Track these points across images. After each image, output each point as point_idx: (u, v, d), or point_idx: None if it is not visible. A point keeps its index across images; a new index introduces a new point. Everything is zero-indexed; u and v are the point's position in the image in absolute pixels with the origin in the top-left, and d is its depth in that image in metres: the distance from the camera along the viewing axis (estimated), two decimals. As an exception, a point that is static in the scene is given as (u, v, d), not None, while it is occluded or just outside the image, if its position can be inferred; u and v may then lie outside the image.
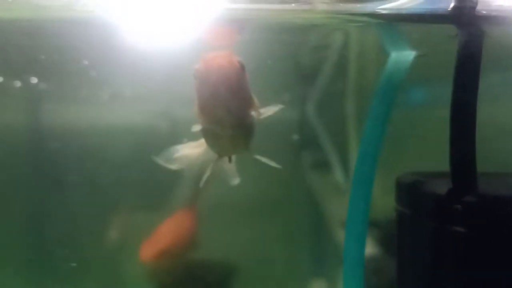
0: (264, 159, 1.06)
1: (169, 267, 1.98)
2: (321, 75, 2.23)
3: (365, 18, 1.28)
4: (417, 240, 1.04)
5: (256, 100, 1.02)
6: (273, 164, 1.06)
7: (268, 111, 1.03)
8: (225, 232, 2.15)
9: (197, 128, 1.00)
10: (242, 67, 0.95)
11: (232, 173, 1.17)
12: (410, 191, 1.08)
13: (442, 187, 0.98)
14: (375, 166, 1.12)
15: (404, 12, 1.13)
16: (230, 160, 1.12)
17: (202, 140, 1.09)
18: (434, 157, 1.16)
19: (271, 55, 1.99)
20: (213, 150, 1.07)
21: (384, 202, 1.18)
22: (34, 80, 2.03)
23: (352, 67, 2.15)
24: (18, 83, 2.05)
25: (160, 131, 2.14)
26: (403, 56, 1.10)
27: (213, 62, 0.91)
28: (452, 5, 1.01)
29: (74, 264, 1.99)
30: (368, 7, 1.19)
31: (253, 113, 1.00)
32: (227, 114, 0.94)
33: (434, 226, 0.97)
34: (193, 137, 1.16)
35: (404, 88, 1.20)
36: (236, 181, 1.17)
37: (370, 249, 1.65)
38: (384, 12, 1.15)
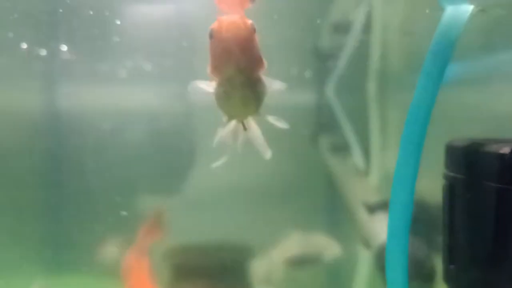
0: (273, 120, 1.10)
1: None
2: (342, 54, 2.17)
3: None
4: (475, 205, 0.98)
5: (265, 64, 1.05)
6: (282, 125, 1.10)
7: (274, 84, 1.06)
8: (242, 215, 2.10)
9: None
10: (254, 29, 0.99)
11: (263, 148, 1.16)
12: (467, 155, 1.02)
13: (504, 148, 0.93)
14: (426, 128, 1.05)
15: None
16: (244, 128, 1.13)
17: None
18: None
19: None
20: (224, 112, 1.10)
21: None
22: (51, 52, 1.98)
23: (374, 47, 2.09)
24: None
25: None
26: (460, 10, 1.03)
27: (227, 22, 0.97)
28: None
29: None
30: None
31: (263, 77, 1.04)
32: (238, 71, 0.99)
33: (498, 188, 0.91)
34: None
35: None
36: (268, 155, 1.15)
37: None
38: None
